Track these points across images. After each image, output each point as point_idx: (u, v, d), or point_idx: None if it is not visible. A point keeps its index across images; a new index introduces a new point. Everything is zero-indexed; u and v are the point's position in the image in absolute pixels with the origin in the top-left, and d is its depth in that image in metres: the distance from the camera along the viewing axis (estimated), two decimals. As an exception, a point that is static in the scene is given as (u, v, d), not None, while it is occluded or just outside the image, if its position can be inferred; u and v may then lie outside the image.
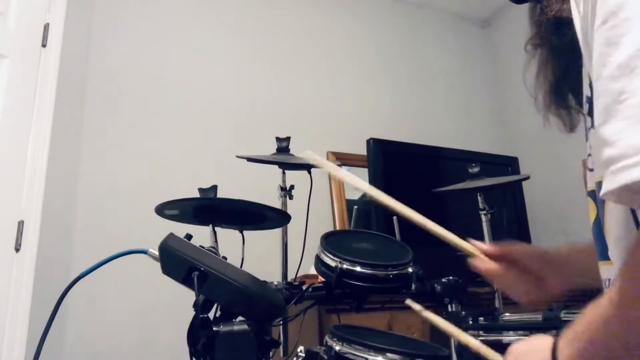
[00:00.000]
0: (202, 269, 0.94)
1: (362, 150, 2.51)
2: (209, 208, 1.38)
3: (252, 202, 1.33)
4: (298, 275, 1.57)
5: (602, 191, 0.44)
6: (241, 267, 1.29)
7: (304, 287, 1.29)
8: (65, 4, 2.15)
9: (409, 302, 0.87)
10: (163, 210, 1.34)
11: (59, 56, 2.09)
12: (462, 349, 1.35)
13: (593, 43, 0.48)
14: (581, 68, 0.58)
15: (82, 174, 2.21)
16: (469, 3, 3.40)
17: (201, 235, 1.23)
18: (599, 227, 0.60)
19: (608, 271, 0.59)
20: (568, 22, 0.56)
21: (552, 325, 1.37)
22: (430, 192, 1.90)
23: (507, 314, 1.51)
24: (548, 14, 0.65)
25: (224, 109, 2.58)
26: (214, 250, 1.10)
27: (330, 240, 1.29)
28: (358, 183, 0.89)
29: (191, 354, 0.95)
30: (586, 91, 0.57)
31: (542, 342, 0.60)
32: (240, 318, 1.01)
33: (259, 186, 1.82)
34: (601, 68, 0.46)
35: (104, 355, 2.04)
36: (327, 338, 1.12)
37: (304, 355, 1.13)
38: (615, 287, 0.48)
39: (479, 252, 0.84)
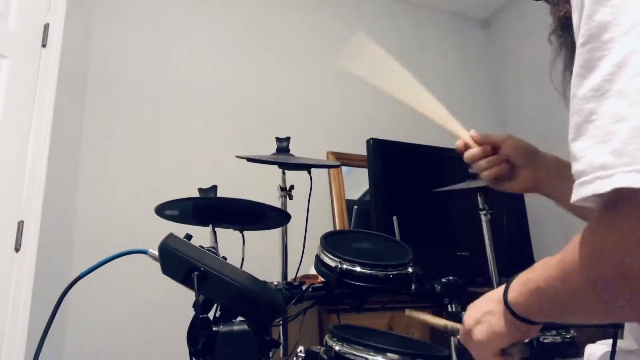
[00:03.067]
0: (202, 269, 0.94)
1: (362, 150, 2.51)
2: (209, 208, 1.38)
3: (252, 202, 1.33)
4: (298, 275, 1.57)
5: (571, 200, 0.48)
6: (241, 267, 1.29)
7: (304, 287, 1.29)
8: (65, 4, 2.15)
9: (408, 312, 0.95)
10: (163, 210, 1.34)
11: (59, 56, 2.09)
12: (462, 349, 1.35)
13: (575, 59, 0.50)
14: None
15: (82, 174, 2.22)
16: (469, 3, 3.40)
17: (201, 235, 1.23)
18: None
19: None
20: None
21: (552, 325, 1.37)
22: (431, 192, 1.90)
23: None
24: (559, 14, 0.66)
25: (224, 109, 2.58)
26: (214, 250, 1.10)
27: (330, 240, 1.29)
28: None
29: (191, 354, 0.95)
30: None
31: (495, 290, 0.67)
32: (240, 318, 1.00)
33: (259, 186, 1.82)
34: (577, 88, 0.48)
35: (104, 355, 2.04)
36: (327, 338, 1.12)
37: (303, 355, 1.13)
38: (564, 253, 0.52)
39: (470, 140, 0.97)
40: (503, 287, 0.64)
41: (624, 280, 0.46)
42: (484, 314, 0.67)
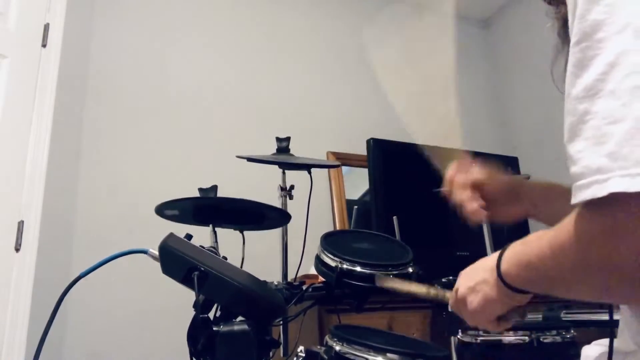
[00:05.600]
0: (202, 269, 0.95)
1: (362, 150, 2.51)
2: (209, 208, 1.38)
3: (252, 201, 1.33)
4: (298, 275, 1.57)
5: (572, 201, 0.48)
6: (241, 267, 1.29)
7: (304, 287, 1.29)
8: (65, 4, 2.15)
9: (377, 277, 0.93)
10: (163, 210, 1.34)
11: (59, 56, 2.09)
12: (463, 349, 1.35)
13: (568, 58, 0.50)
14: None
15: (82, 174, 2.21)
16: (469, 3, 3.40)
17: (201, 235, 1.23)
18: None
19: None
20: None
21: (552, 325, 1.37)
22: (431, 192, 1.90)
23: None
24: (558, 15, 0.66)
25: (224, 109, 2.58)
26: (214, 250, 1.10)
27: (330, 240, 1.29)
28: None
29: (191, 354, 0.96)
30: None
31: (488, 258, 0.68)
32: (240, 318, 1.00)
33: (259, 186, 1.82)
34: (570, 87, 0.49)
35: (104, 355, 2.04)
36: (327, 338, 1.12)
37: (304, 355, 1.13)
38: (556, 232, 0.53)
39: (450, 185, 0.96)
40: (496, 255, 0.65)
41: (608, 272, 0.47)
42: (478, 283, 0.68)
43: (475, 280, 0.69)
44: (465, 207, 0.92)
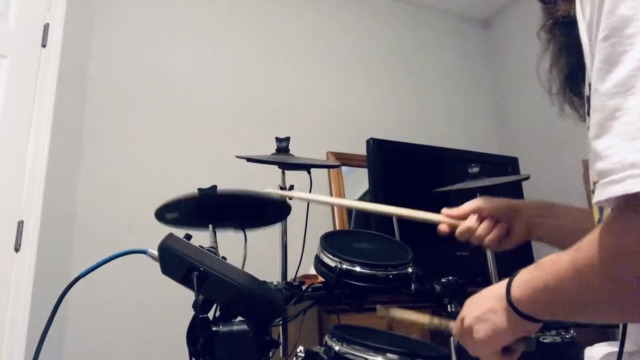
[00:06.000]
0: (201, 269, 0.94)
1: (362, 150, 2.51)
2: (208, 207, 1.38)
3: (251, 191, 1.32)
4: (298, 275, 1.56)
5: (594, 200, 0.47)
6: (243, 266, 1.29)
7: (304, 287, 1.29)
8: (65, 4, 2.15)
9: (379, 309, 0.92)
10: (163, 214, 1.33)
11: (59, 56, 2.09)
12: (462, 349, 1.34)
13: (595, 54, 0.48)
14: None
15: (82, 174, 2.22)
16: (469, 3, 3.40)
17: (201, 235, 1.23)
18: None
19: None
20: (576, 22, 0.57)
21: (552, 325, 1.37)
22: (431, 192, 1.90)
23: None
24: (556, 14, 0.65)
25: (224, 109, 2.58)
26: (213, 250, 1.10)
27: (330, 240, 1.29)
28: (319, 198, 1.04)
29: (191, 354, 0.95)
30: (587, 92, 0.57)
31: (495, 286, 0.66)
32: (240, 318, 1.00)
33: (259, 186, 1.82)
34: (599, 83, 0.47)
35: (104, 355, 2.04)
36: (326, 338, 1.12)
37: (303, 355, 1.13)
38: (578, 252, 0.51)
39: (450, 219, 0.92)
40: (504, 283, 0.63)
41: None
42: (486, 312, 0.65)
43: (483, 310, 0.66)
44: (479, 234, 0.89)
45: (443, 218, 0.93)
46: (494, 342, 0.65)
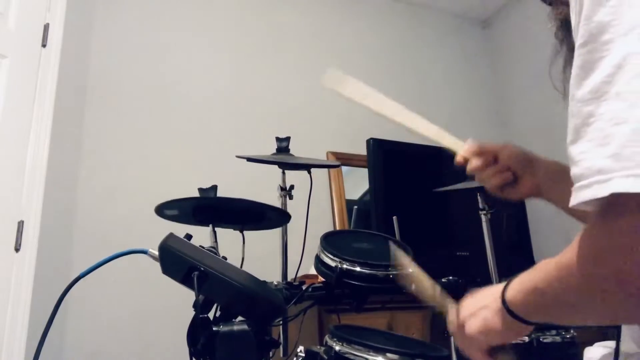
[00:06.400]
0: (202, 269, 0.94)
1: (362, 150, 2.51)
2: (209, 208, 1.38)
3: (252, 201, 1.33)
4: (298, 275, 1.57)
5: (570, 204, 0.48)
6: (241, 267, 1.29)
7: (304, 287, 1.29)
8: (65, 4, 2.15)
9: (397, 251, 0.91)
10: (163, 210, 1.34)
11: (59, 56, 2.09)
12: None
13: (574, 59, 0.49)
14: None
15: (82, 174, 2.22)
16: (469, 3, 3.40)
17: (201, 235, 1.23)
18: None
19: None
20: None
21: (552, 325, 1.37)
22: (431, 192, 1.90)
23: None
24: (558, 17, 0.66)
25: (224, 109, 2.58)
26: (213, 250, 1.10)
27: (330, 240, 1.29)
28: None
29: (191, 354, 0.95)
30: None
31: (494, 286, 0.67)
32: (240, 318, 1.00)
33: (259, 186, 1.82)
34: (575, 89, 0.48)
35: (104, 355, 2.04)
36: (327, 338, 1.12)
37: (303, 355, 1.14)
38: (562, 254, 0.52)
39: (469, 153, 0.95)
40: (503, 284, 0.65)
41: (619, 285, 0.45)
42: (480, 308, 0.67)
43: (478, 306, 0.68)
44: (488, 175, 0.92)
45: (463, 150, 0.96)
46: (484, 338, 0.67)
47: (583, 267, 0.49)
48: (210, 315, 1.00)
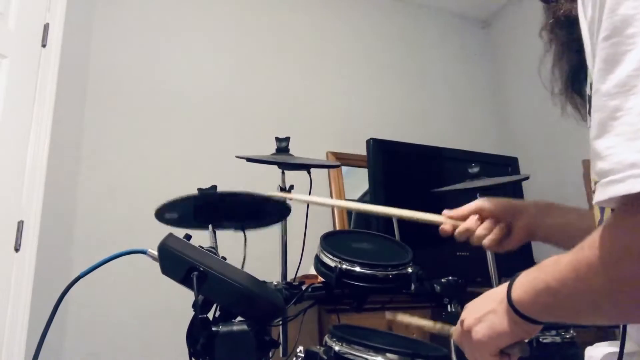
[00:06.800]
0: (201, 269, 0.94)
1: (362, 150, 2.51)
2: (209, 208, 1.38)
3: (252, 193, 1.32)
4: (298, 275, 1.57)
5: (594, 200, 0.46)
6: (241, 267, 1.29)
7: (304, 287, 1.29)
8: (65, 4, 2.15)
9: (388, 315, 0.92)
10: (162, 214, 1.33)
11: (59, 56, 2.09)
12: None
13: (596, 53, 0.48)
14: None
15: (82, 174, 2.22)
16: (469, 3, 3.40)
17: (201, 235, 1.23)
18: None
19: None
20: (577, 22, 0.56)
21: (552, 325, 1.37)
22: (430, 192, 1.90)
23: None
24: (558, 13, 0.65)
25: (224, 109, 2.58)
26: (213, 250, 1.10)
27: (330, 241, 1.29)
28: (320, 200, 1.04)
29: (191, 354, 0.95)
30: (588, 91, 0.57)
31: (496, 288, 0.66)
32: (239, 318, 1.00)
33: (259, 186, 1.81)
34: (600, 83, 0.47)
35: (104, 355, 2.04)
36: (326, 338, 1.12)
37: (303, 355, 1.14)
38: (579, 253, 0.51)
39: (451, 220, 0.92)
40: (505, 285, 0.63)
41: None
42: (486, 313, 0.65)
43: (483, 311, 0.66)
44: (482, 233, 0.88)
45: (444, 219, 0.92)
46: (493, 343, 0.65)
47: (606, 265, 0.47)
48: (210, 315, 1.01)
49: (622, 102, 0.44)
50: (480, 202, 0.90)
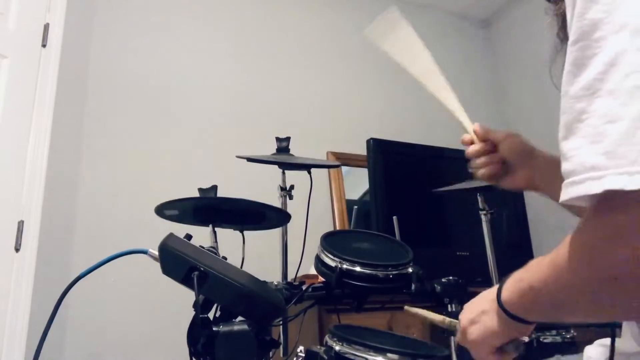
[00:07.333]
0: (202, 269, 0.94)
1: (362, 150, 2.51)
2: (209, 208, 1.38)
3: (252, 201, 1.33)
4: (298, 275, 1.57)
5: (559, 199, 0.48)
6: (241, 267, 1.29)
7: (304, 287, 1.29)
8: (65, 4, 2.15)
9: (407, 308, 0.96)
10: (163, 210, 1.34)
11: (59, 56, 2.09)
12: (462, 349, 1.34)
13: (566, 56, 0.49)
14: None
15: (82, 173, 2.22)
16: (469, 3, 3.40)
17: (201, 235, 1.23)
18: None
19: None
20: None
21: (552, 325, 1.37)
22: (430, 192, 1.90)
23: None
24: (559, 11, 0.66)
25: (224, 109, 2.58)
26: (214, 250, 1.10)
27: (330, 240, 1.29)
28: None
29: (191, 354, 0.95)
30: None
31: (490, 289, 0.67)
32: (240, 318, 1.00)
33: (259, 186, 1.82)
34: (568, 86, 0.48)
35: (104, 356, 2.04)
36: (327, 338, 1.12)
37: (303, 355, 1.13)
38: (556, 251, 0.53)
39: (474, 136, 0.97)
40: (497, 286, 0.64)
41: (614, 280, 0.45)
42: (479, 314, 0.67)
43: (476, 311, 0.68)
44: (480, 163, 0.94)
45: (471, 130, 0.98)
46: (487, 342, 0.67)
47: (577, 264, 0.49)
48: (210, 315, 1.00)
49: (588, 105, 0.45)
50: (506, 136, 0.94)
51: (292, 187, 1.59)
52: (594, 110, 0.45)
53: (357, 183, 2.72)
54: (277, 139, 1.61)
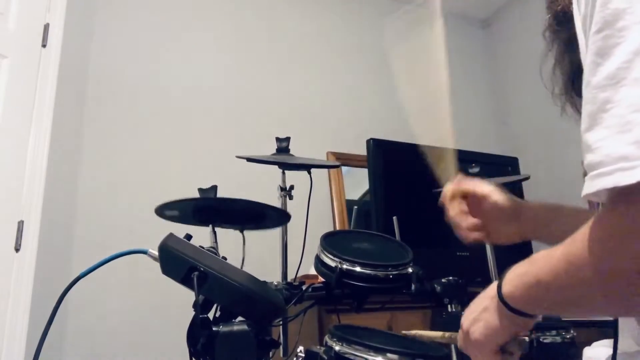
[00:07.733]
0: (201, 269, 0.94)
1: (362, 150, 2.51)
2: (209, 208, 1.38)
3: (252, 201, 1.33)
4: (298, 275, 1.57)
5: (582, 193, 0.46)
6: (241, 267, 1.29)
7: (304, 287, 1.29)
8: (65, 4, 2.15)
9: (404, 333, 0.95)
10: (163, 211, 1.34)
11: (59, 56, 2.09)
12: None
13: (588, 47, 0.48)
14: None
15: (82, 173, 2.22)
16: (469, 3, 3.40)
17: (201, 235, 1.23)
18: None
19: None
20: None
21: (552, 325, 1.37)
22: (430, 192, 1.90)
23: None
24: (556, 9, 0.65)
25: (224, 109, 2.58)
26: (213, 250, 1.10)
27: (330, 241, 1.29)
28: None
29: (191, 354, 0.95)
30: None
31: (489, 287, 0.66)
32: (240, 318, 1.00)
33: (259, 186, 1.82)
34: (591, 76, 0.47)
35: (104, 356, 2.04)
36: (327, 338, 1.12)
37: (303, 355, 1.13)
38: (571, 245, 0.51)
39: (456, 190, 0.93)
40: (497, 282, 0.64)
41: (638, 274, 0.44)
42: (480, 312, 0.66)
43: (477, 311, 0.67)
44: (458, 222, 0.90)
45: (448, 189, 0.95)
46: (490, 340, 0.65)
47: (598, 257, 0.47)
48: (210, 315, 1.00)
49: (612, 94, 0.44)
50: (489, 192, 0.89)
51: (292, 187, 1.59)
52: (620, 100, 0.44)
53: (357, 183, 2.72)
54: (277, 139, 1.61)
